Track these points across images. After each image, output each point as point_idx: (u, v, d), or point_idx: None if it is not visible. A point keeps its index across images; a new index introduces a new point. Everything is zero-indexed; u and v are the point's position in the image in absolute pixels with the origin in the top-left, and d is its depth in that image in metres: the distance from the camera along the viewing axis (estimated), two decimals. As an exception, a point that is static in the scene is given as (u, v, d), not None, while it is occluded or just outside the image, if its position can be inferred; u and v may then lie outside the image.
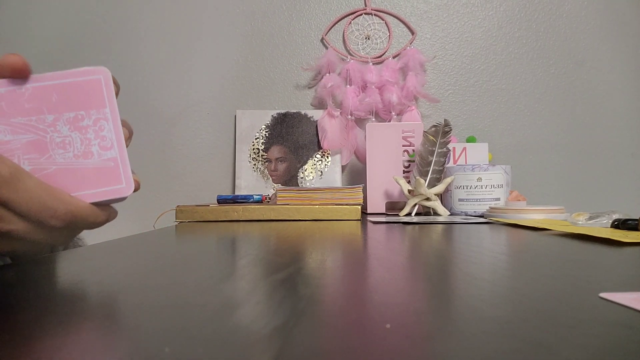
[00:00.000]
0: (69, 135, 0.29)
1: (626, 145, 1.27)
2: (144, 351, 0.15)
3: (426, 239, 0.48)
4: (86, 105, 0.30)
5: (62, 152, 0.29)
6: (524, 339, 0.16)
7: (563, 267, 0.30)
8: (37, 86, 0.29)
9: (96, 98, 0.30)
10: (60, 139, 0.29)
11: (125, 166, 0.30)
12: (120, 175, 0.30)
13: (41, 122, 0.29)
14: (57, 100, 0.29)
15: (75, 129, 0.29)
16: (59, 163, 0.29)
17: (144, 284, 0.26)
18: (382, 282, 0.26)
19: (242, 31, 1.27)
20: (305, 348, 0.15)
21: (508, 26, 1.27)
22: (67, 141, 0.29)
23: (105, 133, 0.30)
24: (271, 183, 1.21)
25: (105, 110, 0.30)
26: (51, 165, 0.29)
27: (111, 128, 0.30)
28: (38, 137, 0.29)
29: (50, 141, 0.29)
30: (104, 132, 0.30)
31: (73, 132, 0.29)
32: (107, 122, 0.30)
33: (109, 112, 0.30)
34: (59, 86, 0.29)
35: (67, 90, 0.29)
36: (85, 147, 0.30)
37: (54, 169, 0.29)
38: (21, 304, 0.22)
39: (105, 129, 0.30)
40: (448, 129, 0.90)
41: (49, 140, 0.29)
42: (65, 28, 1.26)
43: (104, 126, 0.30)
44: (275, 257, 0.36)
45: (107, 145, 0.30)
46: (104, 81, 0.30)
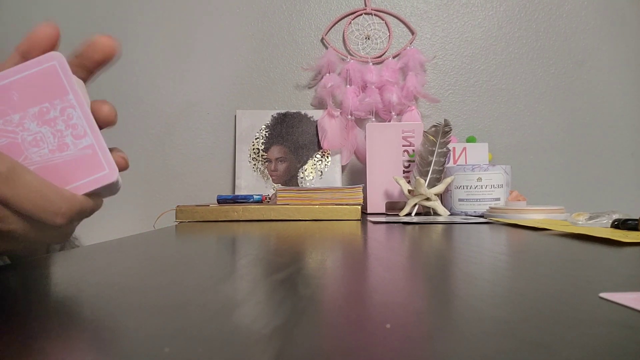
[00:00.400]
0: (39, 132, 0.28)
1: (626, 145, 1.27)
2: (144, 351, 0.15)
3: (426, 239, 0.48)
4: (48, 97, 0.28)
5: (37, 150, 0.28)
6: (524, 339, 0.16)
7: (563, 267, 0.30)
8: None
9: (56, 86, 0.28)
10: (32, 137, 0.28)
11: (103, 151, 0.29)
12: (101, 161, 0.29)
13: (8, 124, 0.28)
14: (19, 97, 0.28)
15: (43, 124, 0.28)
16: (37, 162, 0.28)
17: (144, 284, 0.26)
18: (382, 282, 0.26)
19: (242, 31, 1.27)
20: (305, 348, 0.15)
21: (508, 26, 1.27)
22: (39, 137, 0.28)
23: (75, 121, 0.29)
24: (271, 183, 1.21)
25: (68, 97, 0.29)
26: (30, 166, 0.28)
27: (80, 114, 0.29)
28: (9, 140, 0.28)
29: (22, 141, 0.28)
30: (73, 120, 0.29)
31: (42, 127, 0.28)
32: (74, 109, 0.29)
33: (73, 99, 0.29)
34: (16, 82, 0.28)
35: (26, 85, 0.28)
36: (58, 140, 0.29)
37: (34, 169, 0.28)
38: (21, 305, 0.22)
39: (74, 116, 0.29)
40: (448, 129, 0.90)
41: (20, 140, 0.28)
42: (65, 28, 1.26)
43: (72, 114, 0.29)
44: (275, 257, 0.36)
45: (80, 134, 0.29)
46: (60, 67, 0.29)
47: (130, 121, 1.25)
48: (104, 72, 1.25)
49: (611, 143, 1.27)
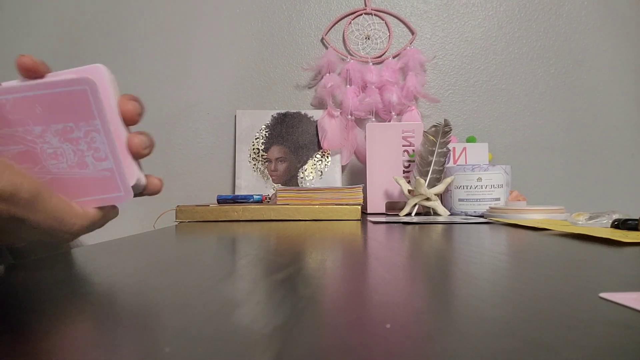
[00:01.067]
0: (60, 147, 0.28)
1: (626, 145, 1.27)
2: (144, 351, 0.15)
3: (426, 239, 0.48)
4: (74, 118, 0.28)
5: (55, 163, 0.28)
6: (524, 339, 0.16)
7: (563, 267, 0.30)
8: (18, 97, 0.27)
9: (84, 110, 0.27)
10: (52, 150, 0.28)
11: (121, 175, 0.29)
12: (118, 185, 0.29)
13: (28, 134, 0.27)
14: (42, 112, 0.27)
15: (65, 141, 0.28)
16: (54, 173, 0.28)
17: (144, 284, 0.26)
18: (382, 282, 0.26)
19: (242, 31, 1.27)
20: (305, 348, 0.15)
21: (508, 26, 1.27)
22: (59, 152, 0.28)
23: (98, 145, 0.28)
24: (271, 183, 1.21)
25: (95, 122, 0.28)
26: (46, 175, 0.28)
27: (104, 140, 0.28)
28: (27, 148, 0.27)
29: (42, 152, 0.28)
30: (96, 143, 0.28)
31: (64, 144, 0.28)
32: (99, 133, 0.28)
33: (99, 124, 0.28)
34: (42, 97, 0.27)
35: (52, 102, 0.27)
36: (78, 158, 0.28)
37: (50, 177, 0.28)
38: (22, 304, 0.22)
39: (98, 140, 0.28)
40: (448, 129, 0.90)
41: (39, 151, 0.27)
42: (65, 28, 1.26)
43: (95, 138, 0.28)
44: (275, 257, 0.36)
45: (101, 157, 0.28)
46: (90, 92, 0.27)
47: (130, 121, 1.25)
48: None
49: (611, 143, 1.27)
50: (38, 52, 1.26)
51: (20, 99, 0.27)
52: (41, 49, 1.26)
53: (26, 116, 0.27)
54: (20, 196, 0.24)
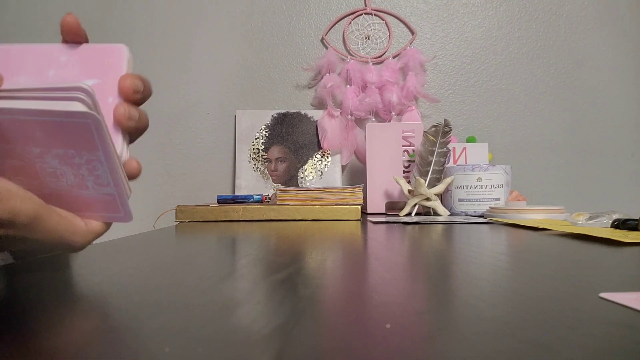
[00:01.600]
0: (60, 168, 0.26)
1: (626, 145, 1.27)
2: (144, 351, 0.15)
3: (426, 239, 0.48)
4: (75, 147, 0.26)
5: (55, 181, 0.27)
6: (524, 339, 0.16)
7: (563, 267, 0.30)
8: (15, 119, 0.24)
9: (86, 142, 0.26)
10: (51, 170, 0.26)
11: (122, 199, 0.28)
12: (119, 207, 0.29)
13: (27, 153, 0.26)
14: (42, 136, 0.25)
15: (66, 164, 0.26)
16: (53, 188, 0.27)
17: (144, 284, 0.26)
18: (382, 282, 0.26)
19: (242, 31, 1.27)
20: (305, 348, 0.15)
21: (508, 26, 1.27)
22: (59, 173, 0.27)
23: (100, 173, 0.27)
24: (271, 183, 1.21)
25: (97, 154, 0.26)
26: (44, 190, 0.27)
27: (106, 169, 0.27)
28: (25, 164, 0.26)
29: (41, 170, 0.26)
30: (98, 172, 0.27)
31: (64, 166, 0.26)
32: (101, 164, 0.27)
33: (102, 156, 0.26)
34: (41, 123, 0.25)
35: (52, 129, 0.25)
36: (79, 181, 0.27)
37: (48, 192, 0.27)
38: (22, 304, 0.22)
39: (100, 169, 0.27)
40: (448, 129, 0.90)
41: (38, 168, 0.26)
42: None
43: (97, 167, 0.27)
44: (275, 257, 0.36)
45: (103, 183, 0.27)
46: (94, 127, 0.25)
47: (130, 121, 1.25)
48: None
49: (611, 143, 1.27)
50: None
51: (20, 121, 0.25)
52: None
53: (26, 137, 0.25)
54: (19, 221, 0.24)
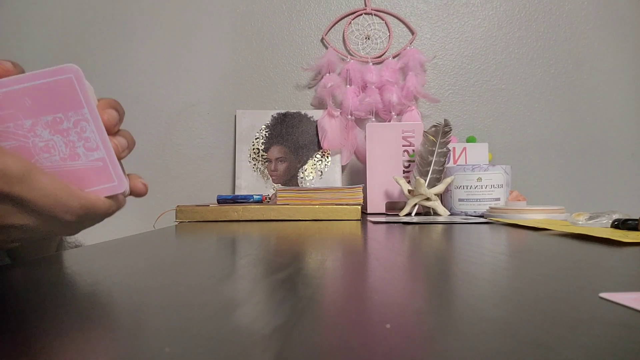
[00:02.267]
0: (51, 139, 0.28)
1: (626, 145, 1.27)
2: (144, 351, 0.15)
3: (426, 239, 0.48)
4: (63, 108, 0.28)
5: (48, 156, 0.28)
6: (524, 339, 0.16)
7: (563, 267, 0.30)
8: (7, 91, 0.27)
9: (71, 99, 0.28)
10: (43, 144, 0.28)
11: (114, 165, 0.30)
12: (111, 174, 0.30)
13: (19, 128, 0.28)
14: (32, 104, 0.28)
15: (56, 132, 0.28)
16: (47, 167, 0.28)
17: (144, 284, 0.26)
18: (382, 282, 0.26)
19: (242, 31, 1.27)
20: (305, 348, 0.15)
21: (508, 26, 1.27)
22: (51, 145, 0.28)
23: (88, 134, 0.29)
24: (271, 183, 1.21)
25: (83, 111, 0.28)
26: None
27: (93, 129, 0.29)
28: (19, 143, 0.28)
29: (33, 146, 0.28)
30: (86, 133, 0.29)
31: (55, 136, 0.28)
32: (88, 123, 0.29)
33: (88, 113, 0.29)
34: (30, 89, 0.28)
35: (40, 93, 0.28)
36: (70, 150, 0.29)
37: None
38: (21, 305, 0.22)
39: (87, 130, 0.29)
40: (448, 129, 0.90)
41: (31, 145, 0.28)
42: (65, 28, 1.26)
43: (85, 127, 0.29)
44: (275, 257, 0.36)
45: (92, 147, 0.29)
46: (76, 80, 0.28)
47: (130, 121, 1.25)
48: (104, 72, 1.25)
49: (611, 143, 1.27)
50: (37, 52, 1.26)
51: (9, 92, 0.27)
52: (40, 49, 1.26)
53: (17, 110, 0.27)
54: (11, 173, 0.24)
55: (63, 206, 0.27)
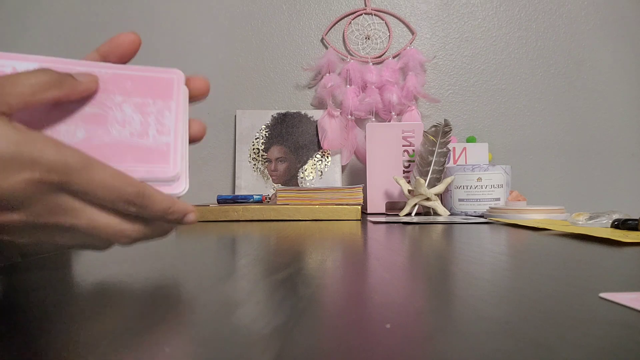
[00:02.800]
0: (131, 116, 0.31)
1: (626, 145, 1.27)
2: (144, 351, 0.15)
3: (426, 239, 0.48)
4: (155, 95, 0.32)
5: (120, 129, 0.30)
6: (524, 339, 0.16)
7: (563, 267, 0.30)
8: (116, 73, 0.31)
9: (165, 92, 0.32)
10: (122, 117, 0.31)
11: (176, 152, 0.31)
12: (169, 158, 0.31)
13: (109, 101, 0.30)
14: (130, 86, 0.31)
15: (138, 112, 0.31)
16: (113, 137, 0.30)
17: (143, 284, 0.26)
18: (382, 282, 0.26)
19: (242, 31, 1.27)
20: (305, 348, 0.15)
21: (508, 26, 1.27)
22: (128, 120, 0.31)
23: (166, 121, 0.31)
24: (271, 183, 1.21)
25: (170, 103, 0.32)
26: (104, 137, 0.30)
27: (172, 118, 0.32)
28: (102, 112, 0.30)
29: (112, 117, 0.30)
30: (164, 119, 0.31)
31: (135, 114, 0.31)
32: (170, 112, 0.32)
33: (174, 105, 0.32)
34: (135, 77, 0.31)
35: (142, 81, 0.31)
36: (142, 129, 0.31)
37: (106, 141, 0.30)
38: (21, 305, 0.22)
39: (167, 117, 0.31)
40: (448, 129, 0.90)
41: (111, 116, 0.30)
42: (64, 28, 1.26)
43: (166, 115, 0.31)
44: (275, 257, 0.36)
45: (164, 131, 0.31)
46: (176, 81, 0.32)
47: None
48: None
49: (611, 143, 1.27)
50: (37, 52, 1.25)
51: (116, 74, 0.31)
52: (40, 48, 1.26)
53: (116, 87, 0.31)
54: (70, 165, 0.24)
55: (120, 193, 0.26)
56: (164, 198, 0.29)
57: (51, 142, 0.24)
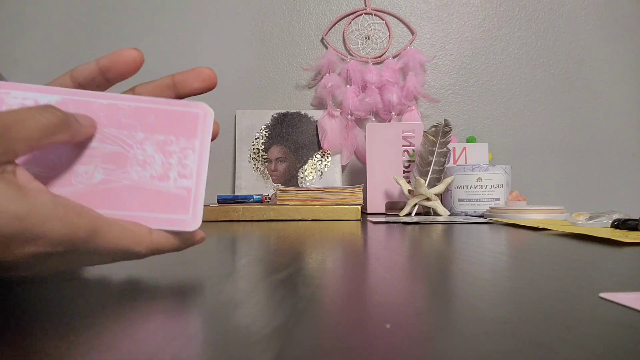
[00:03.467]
0: (152, 156, 0.29)
1: (626, 145, 1.27)
2: (144, 351, 0.15)
3: (426, 239, 0.48)
4: (178, 132, 0.30)
5: (140, 170, 0.29)
6: (524, 339, 0.16)
7: (563, 267, 0.30)
8: (139, 106, 0.29)
9: (189, 128, 0.30)
10: (143, 158, 0.29)
11: (197, 199, 0.29)
12: (189, 207, 0.29)
13: (131, 138, 0.29)
14: (154, 122, 0.29)
15: (160, 152, 0.29)
16: (132, 179, 0.29)
17: (143, 284, 0.26)
18: (382, 282, 0.26)
19: (242, 31, 1.27)
20: (305, 348, 0.15)
21: (508, 26, 1.27)
22: (149, 161, 0.29)
23: (189, 162, 0.29)
24: (271, 183, 1.21)
25: (194, 141, 0.30)
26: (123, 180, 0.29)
27: (196, 159, 0.30)
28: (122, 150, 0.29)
29: (132, 157, 0.29)
30: (187, 160, 0.29)
31: (157, 154, 0.29)
32: (194, 152, 0.30)
33: (198, 144, 0.30)
34: (159, 110, 0.30)
35: (166, 115, 0.30)
36: (164, 171, 0.29)
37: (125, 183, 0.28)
38: (21, 305, 0.22)
39: (190, 158, 0.29)
40: (448, 129, 0.90)
41: (131, 155, 0.29)
42: (65, 28, 1.26)
43: (189, 156, 0.29)
44: (275, 257, 0.36)
45: (186, 174, 0.29)
46: (202, 116, 0.30)
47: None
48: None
49: (611, 143, 1.27)
50: (37, 52, 1.26)
51: (139, 107, 0.29)
52: (40, 48, 1.26)
53: (138, 123, 0.29)
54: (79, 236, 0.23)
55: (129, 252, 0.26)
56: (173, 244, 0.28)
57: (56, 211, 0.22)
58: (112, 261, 0.27)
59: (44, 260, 0.23)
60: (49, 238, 0.22)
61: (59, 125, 0.24)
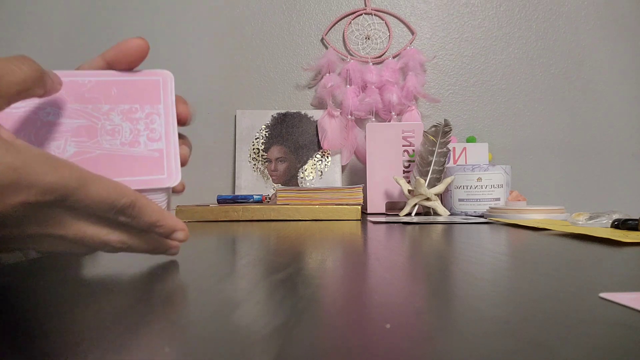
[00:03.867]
0: (120, 125, 0.30)
1: (626, 145, 1.27)
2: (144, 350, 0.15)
3: (426, 239, 0.48)
4: (141, 100, 0.31)
5: (110, 139, 0.30)
6: (524, 339, 0.16)
7: (563, 267, 0.30)
8: (99, 80, 0.31)
9: (152, 95, 0.31)
10: (111, 127, 0.30)
11: (169, 159, 0.31)
12: (164, 167, 0.31)
13: (96, 111, 0.30)
14: (116, 93, 0.31)
15: (126, 120, 0.31)
16: (104, 148, 0.30)
17: (143, 284, 0.26)
18: (382, 282, 0.26)
19: (242, 31, 1.27)
20: (305, 348, 0.15)
21: (508, 26, 1.27)
22: (117, 129, 0.30)
23: (156, 126, 0.31)
24: (271, 183, 1.21)
25: (158, 107, 0.31)
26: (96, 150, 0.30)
27: (162, 122, 0.31)
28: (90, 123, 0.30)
29: (101, 128, 0.30)
30: (154, 125, 0.31)
31: (124, 122, 0.31)
32: (159, 116, 0.31)
33: (162, 109, 0.31)
34: (120, 82, 0.31)
35: (127, 86, 0.31)
36: (133, 137, 0.31)
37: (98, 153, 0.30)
38: (21, 305, 0.22)
39: (156, 122, 0.31)
40: (448, 129, 0.90)
41: (99, 127, 0.30)
42: (64, 28, 1.26)
43: (155, 120, 0.31)
44: (275, 257, 0.36)
45: (155, 137, 0.31)
46: (162, 82, 0.32)
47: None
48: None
49: (611, 143, 1.27)
50: (37, 51, 1.26)
51: (100, 81, 0.30)
52: (40, 48, 1.26)
53: (101, 96, 0.30)
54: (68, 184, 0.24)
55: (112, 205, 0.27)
56: (155, 211, 0.29)
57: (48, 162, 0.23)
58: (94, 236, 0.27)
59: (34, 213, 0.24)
60: (41, 186, 0.23)
61: (37, 79, 0.25)
